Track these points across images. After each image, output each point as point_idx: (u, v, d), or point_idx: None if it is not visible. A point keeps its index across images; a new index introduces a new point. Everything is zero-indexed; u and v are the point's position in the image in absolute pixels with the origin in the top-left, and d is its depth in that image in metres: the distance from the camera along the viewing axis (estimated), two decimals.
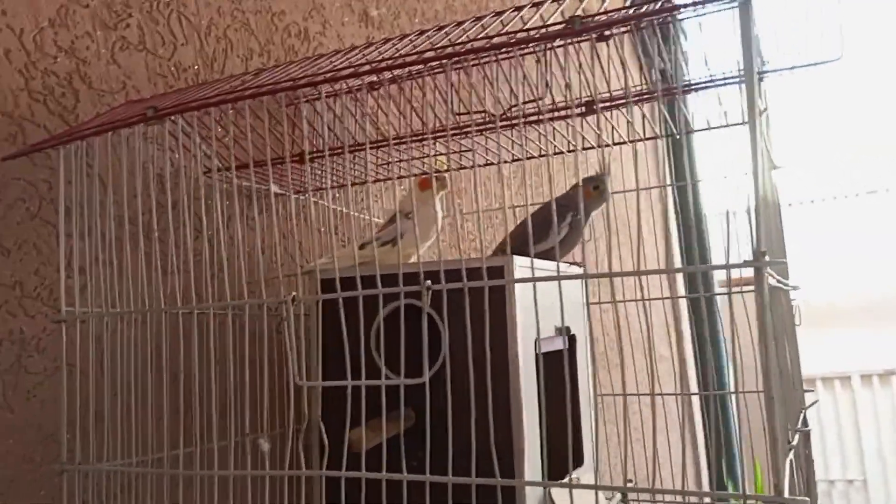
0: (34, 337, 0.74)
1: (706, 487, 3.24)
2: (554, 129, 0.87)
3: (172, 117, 0.64)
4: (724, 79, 0.74)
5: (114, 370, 0.76)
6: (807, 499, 0.45)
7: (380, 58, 0.66)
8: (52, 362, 0.75)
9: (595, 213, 1.11)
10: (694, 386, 3.25)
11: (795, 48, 0.68)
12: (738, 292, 0.90)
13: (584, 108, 0.77)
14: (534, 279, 0.59)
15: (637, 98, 0.80)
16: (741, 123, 0.68)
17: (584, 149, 0.89)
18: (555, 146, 0.96)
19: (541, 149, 0.92)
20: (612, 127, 0.88)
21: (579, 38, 0.79)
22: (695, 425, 3.31)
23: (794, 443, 0.63)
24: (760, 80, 0.64)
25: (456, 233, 1.48)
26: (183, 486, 0.71)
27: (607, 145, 0.85)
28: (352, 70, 0.63)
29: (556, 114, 0.80)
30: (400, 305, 0.77)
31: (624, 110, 0.83)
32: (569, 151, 0.89)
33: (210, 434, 0.71)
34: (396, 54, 0.66)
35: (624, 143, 0.83)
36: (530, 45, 0.70)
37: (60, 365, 0.74)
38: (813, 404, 0.77)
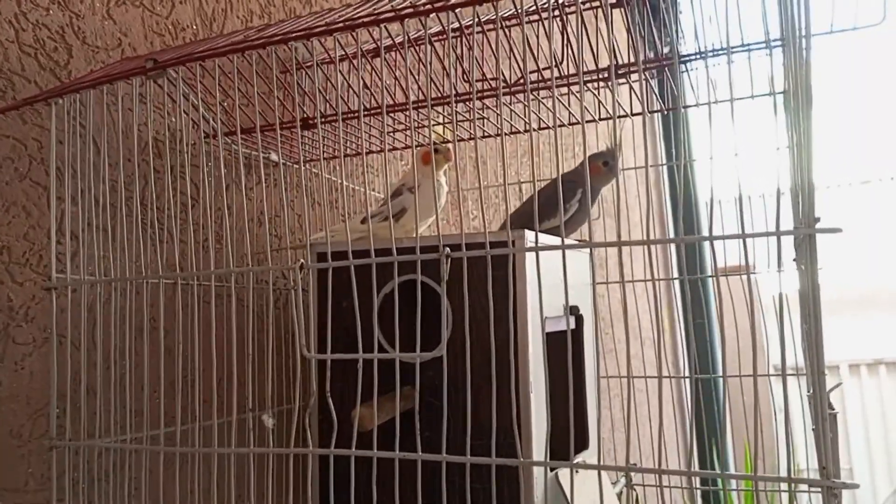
0: (22, 305, 0.70)
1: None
2: (566, 98, 0.83)
3: (174, 70, 0.60)
4: (753, 44, 0.71)
5: (106, 341, 0.72)
6: (857, 483, 0.42)
7: (376, 12, 0.62)
8: (41, 332, 0.71)
9: (603, 189, 1.07)
10: (683, 370, 3.24)
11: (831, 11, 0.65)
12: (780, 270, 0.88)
13: (597, 76, 0.73)
14: (537, 248, 0.55)
15: (652, 65, 0.76)
16: (779, 93, 0.65)
17: (599, 119, 0.85)
18: (561, 118, 0.93)
19: (550, 118, 0.88)
20: (624, 97, 0.85)
21: (596, 3, 0.76)
22: (684, 408, 3.30)
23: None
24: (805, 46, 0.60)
25: (458, 210, 1.45)
26: (180, 465, 0.67)
27: (620, 117, 0.81)
28: (349, 23, 0.58)
29: (569, 80, 0.76)
30: (399, 282, 0.74)
31: (635, 78, 0.79)
32: (575, 123, 0.85)
33: (209, 410, 0.68)
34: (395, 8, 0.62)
35: (639, 114, 0.80)
36: (546, 11, 0.67)
37: (50, 335, 0.70)
38: (836, 387, 0.74)
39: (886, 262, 4.17)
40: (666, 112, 0.83)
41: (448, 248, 0.56)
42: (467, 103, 0.83)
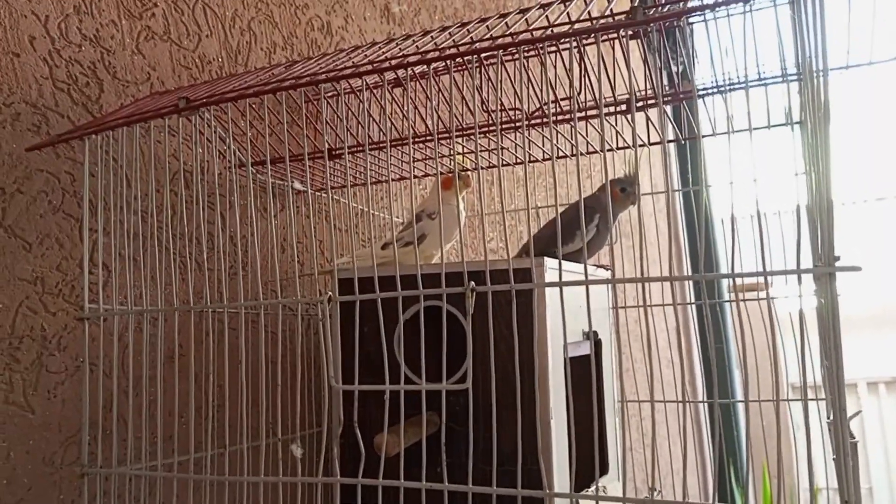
0: (55, 335, 0.72)
1: (710, 494, 3.22)
2: (583, 127, 0.85)
3: (204, 109, 0.62)
4: (770, 78, 0.72)
5: (136, 369, 0.73)
6: None
7: (401, 54, 0.63)
8: (73, 361, 0.73)
9: (621, 215, 1.08)
10: (700, 394, 3.22)
11: (844, 47, 0.66)
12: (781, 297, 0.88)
13: (618, 107, 0.75)
14: (561, 283, 0.56)
15: (671, 98, 0.77)
16: (795, 122, 0.66)
17: (616, 149, 0.86)
18: (582, 145, 0.94)
19: (571, 146, 0.89)
20: (644, 126, 0.86)
21: (613, 34, 0.77)
22: (702, 433, 3.29)
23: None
24: (820, 77, 0.61)
25: (479, 235, 1.46)
26: (210, 491, 0.69)
27: (641, 145, 0.82)
28: (376, 66, 0.60)
29: (588, 112, 0.77)
30: (420, 309, 0.75)
31: (653, 111, 0.80)
32: (593, 152, 0.87)
33: (237, 437, 0.69)
34: (419, 50, 0.64)
35: (658, 143, 0.81)
36: (565, 39, 0.68)
37: (82, 364, 0.72)
38: (856, 415, 0.74)
39: None
40: (683, 142, 0.84)
41: (473, 283, 0.57)
42: (489, 134, 0.84)
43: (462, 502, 0.60)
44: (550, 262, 0.84)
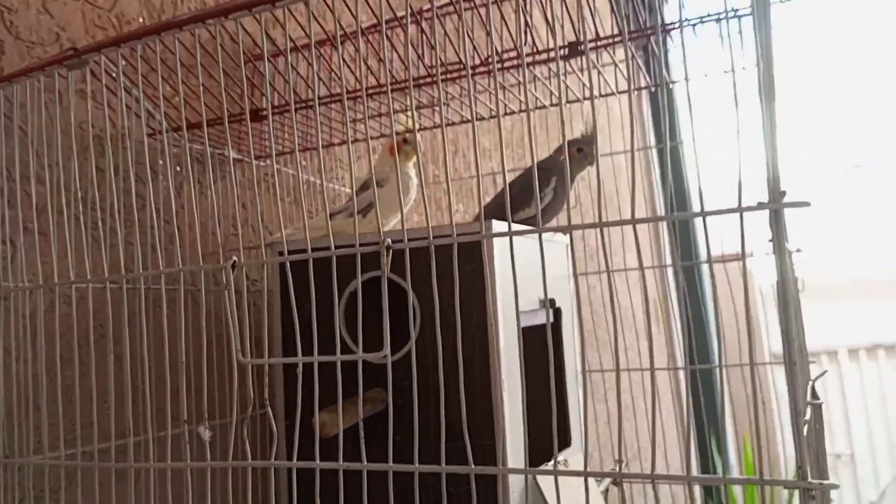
0: None
1: (693, 465, 3.20)
2: (534, 78, 0.79)
3: (96, 58, 0.56)
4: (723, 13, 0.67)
5: (50, 352, 0.67)
6: (836, 483, 0.38)
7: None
8: None
9: (579, 176, 1.03)
10: (679, 361, 3.20)
11: None
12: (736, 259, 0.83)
13: (566, 51, 0.69)
14: (511, 233, 0.51)
15: (636, 35, 0.72)
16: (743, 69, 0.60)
17: (568, 102, 0.81)
18: (540, 99, 0.88)
19: (520, 102, 0.84)
20: (598, 74, 0.80)
21: None
22: (681, 402, 3.27)
23: (807, 417, 0.56)
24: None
25: (425, 203, 1.41)
26: (132, 480, 0.63)
27: (604, 96, 0.77)
28: None
29: (536, 57, 0.71)
30: (366, 280, 0.70)
31: (620, 57, 0.74)
32: (552, 105, 0.81)
33: (153, 422, 0.64)
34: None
35: (612, 94, 0.75)
36: None
37: None
38: (822, 375, 0.70)
39: (882, 246, 4.14)
40: (653, 88, 0.79)
41: (389, 240, 0.52)
42: (431, 88, 0.78)
43: (410, 484, 0.55)
44: (500, 225, 0.79)
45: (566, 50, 0.68)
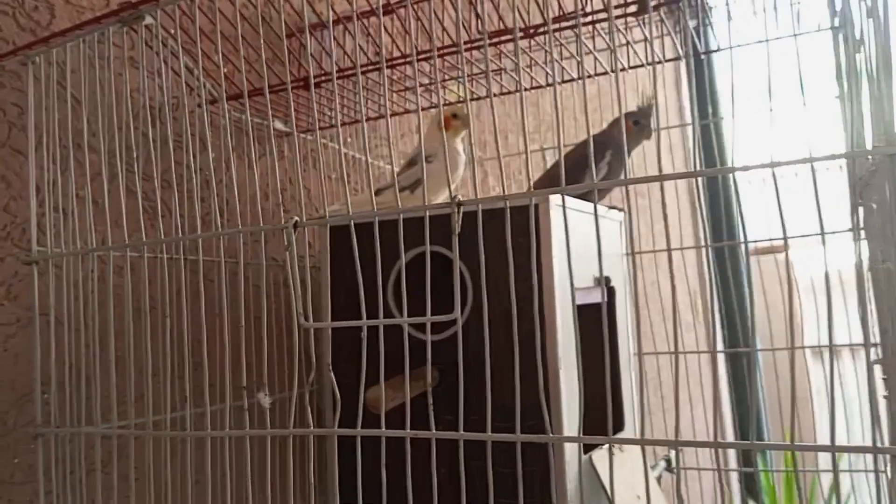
0: (4, 282, 0.65)
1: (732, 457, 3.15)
2: (591, 42, 0.76)
3: (152, 13, 0.54)
4: None
5: (99, 321, 0.66)
6: None
7: None
8: (25, 311, 0.66)
9: (636, 150, 1.00)
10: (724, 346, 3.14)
11: None
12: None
13: (635, 7, 0.65)
14: (564, 197, 0.48)
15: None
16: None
17: (629, 68, 0.77)
18: (588, 69, 0.85)
19: (575, 68, 0.80)
20: (655, 41, 0.76)
21: None
22: (719, 386, 3.21)
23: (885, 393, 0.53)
24: None
25: (474, 174, 1.38)
26: (180, 451, 0.62)
27: (655, 63, 0.73)
28: None
29: (595, 17, 0.68)
30: (421, 253, 0.68)
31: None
32: (601, 74, 0.78)
33: (212, 393, 0.62)
34: None
35: (676, 58, 0.72)
36: None
37: (33, 314, 0.64)
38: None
39: None
40: (704, 56, 0.75)
41: (460, 196, 0.49)
42: (480, 52, 0.75)
43: (467, 456, 0.53)
44: (555, 198, 0.76)
45: (634, 7, 0.65)
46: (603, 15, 0.67)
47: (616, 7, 0.66)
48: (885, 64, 0.37)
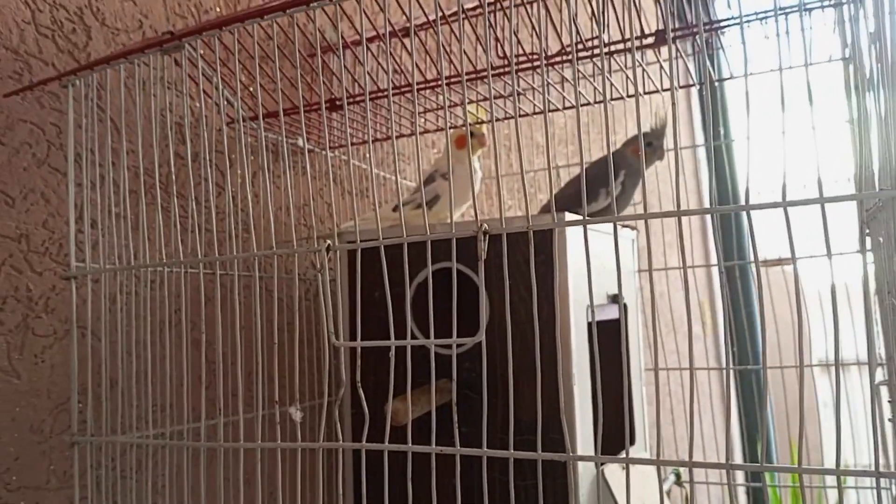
0: (42, 295, 0.67)
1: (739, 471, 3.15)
2: (608, 69, 0.78)
3: (191, 44, 0.56)
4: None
5: (132, 333, 0.69)
6: None
7: None
8: (61, 324, 0.69)
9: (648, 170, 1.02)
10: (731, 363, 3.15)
11: None
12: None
13: (647, 40, 0.68)
14: (585, 221, 0.50)
15: (707, 28, 0.70)
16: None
17: (644, 93, 0.80)
18: (611, 88, 0.87)
19: (595, 90, 0.83)
20: (670, 67, 0.79)
21: None
22: (729, 403, 3.22)
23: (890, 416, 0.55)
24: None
25: (494, 201, 1.41)
26: (209, 461, 0.64)
27: (668, 90, 0.75)
28: None
29: (615, 48, 0.71)
30: (434, 271, 0.70)
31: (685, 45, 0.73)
32: (628, 96, 0.80)
33: (236, 404, 0.64)
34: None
35: (691, 85, 0.74)
36: None
37: (71, 326, 0.67)
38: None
39: None
40: (717, 83, 0.77)
41: (486, 225, 0.51)
42: (504, 78, 0.78)
43: (478, 470, 0.55)
44: (572, 216, 0.79)
45: (651, 38, 0.67)
46: (621, 46, 0.69)
47: (628, 40, 0.68)
48: (894, 109, 0.39)
